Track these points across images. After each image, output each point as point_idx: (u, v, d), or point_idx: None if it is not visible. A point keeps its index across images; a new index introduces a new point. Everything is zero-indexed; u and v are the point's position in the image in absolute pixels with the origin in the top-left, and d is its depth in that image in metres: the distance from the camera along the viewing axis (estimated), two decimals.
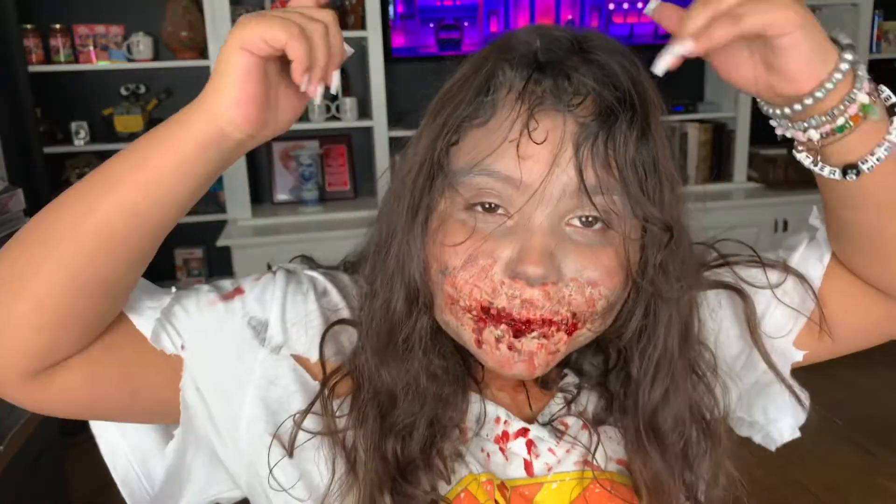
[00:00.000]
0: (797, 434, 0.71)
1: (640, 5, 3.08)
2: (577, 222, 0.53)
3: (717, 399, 0.63)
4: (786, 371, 0.68)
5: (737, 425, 0.72)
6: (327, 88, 0.50)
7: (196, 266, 3.10)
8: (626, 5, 3.08)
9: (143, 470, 0.63)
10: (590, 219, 0.53)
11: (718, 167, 3.30)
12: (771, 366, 0.66)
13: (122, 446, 0.63)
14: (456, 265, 0.53)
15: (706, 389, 0.62)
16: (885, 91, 0.51)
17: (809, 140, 0.52)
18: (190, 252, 3.09)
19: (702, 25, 0.46)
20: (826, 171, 0.52)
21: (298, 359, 0.60)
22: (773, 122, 0.54)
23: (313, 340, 0.60)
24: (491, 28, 2.99)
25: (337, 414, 0.57)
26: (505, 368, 0.55)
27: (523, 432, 0.60)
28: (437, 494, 0.56)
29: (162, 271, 3.11)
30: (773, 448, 0.74)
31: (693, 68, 3.40)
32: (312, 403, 0.58)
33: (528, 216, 0.52)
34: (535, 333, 0.53)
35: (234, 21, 2.77)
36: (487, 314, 0.53)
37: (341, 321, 0.61)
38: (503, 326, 0.53)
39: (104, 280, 0.51)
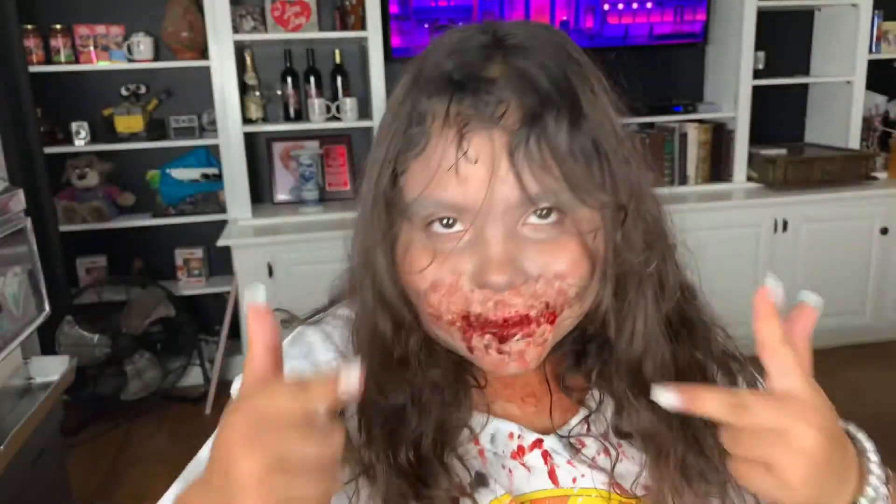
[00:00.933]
0: None
1: (634, 6, 3.08)
2: (532, 219, 0.53)
3: (710, 340, 0.63)
4: None
5: None
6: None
7: (196, 266, 3.10)
8: (620, 6, 3.07)
9: None
10: (544, 212, 0.53)
11: (718, 167, 3.30)
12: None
13: None
14: (426, 288, 0.54)
15: (690, 337, 0.62)
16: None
17: None
18: (190, 252, 3.09)
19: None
20: None
21: None
22: None
23: None
24: None
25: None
26: (500, 369, 0.56)
27: (538, 443, 0.60)
28: (458, 490, 0.56)
29: (163, 271, 3.11)
30: None
31: (693, 69, 3.41)
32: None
33: (482, 230, 0.53)
34: (517, 336, 0.54)
35: (234, 21, 2.78)
36: (469, 322, 0.55)
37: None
38: (487, 336, 0.54)
39: None
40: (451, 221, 0.54)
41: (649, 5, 3.09)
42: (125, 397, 2.89)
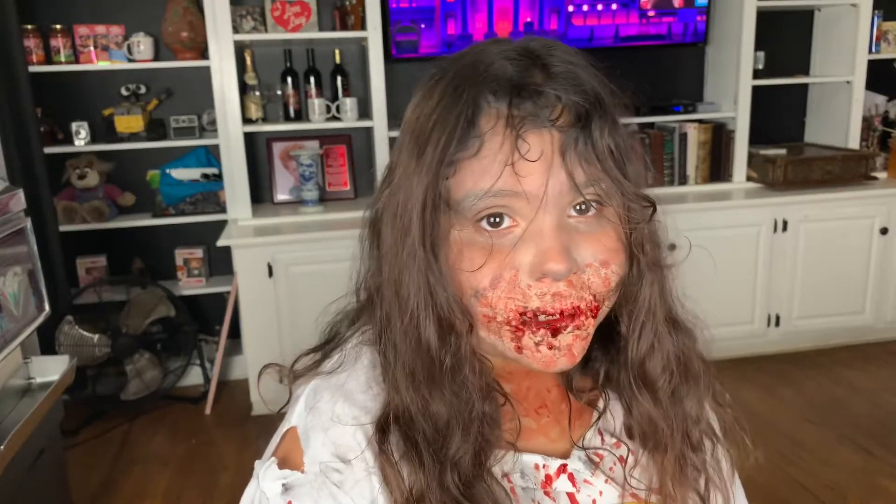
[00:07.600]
0: None
1: (599, 7, 3.07)
2: (574, 212, 0.57)
3: (693, 340, 0.68)
4: None
5: None
6: None
7: (196, 266, 3.11)
8: (585, 7, 3.06)
9: None
10: (583, 206, 0.57)
11: (718, 167, 3.30)
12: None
13: None
14: (485, 286, 0.56)
15: (681, 335, 0.66)
16: None
17: None
18: (190, 252, 3.09)
19: None
20: None
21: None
22: None
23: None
24: (448, 30, 2.96)
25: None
26: (550, 366, 0.58)
27: (562, 469, 0.64)
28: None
29: (163, 271, 3.11)
30: None
31: (692, 69, 3.41)
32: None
33: (538, 222, 0.56)
34: (569, 329, 0.57)
35: (234, 21, 2.78)
36: (523, 321, 0.56)
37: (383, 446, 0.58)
38: (541, 332, 0.56)
39: None
40: (497, 220, 0.56)
41: (614, 7, 3.07)
42: (125, 397, 2.89)
